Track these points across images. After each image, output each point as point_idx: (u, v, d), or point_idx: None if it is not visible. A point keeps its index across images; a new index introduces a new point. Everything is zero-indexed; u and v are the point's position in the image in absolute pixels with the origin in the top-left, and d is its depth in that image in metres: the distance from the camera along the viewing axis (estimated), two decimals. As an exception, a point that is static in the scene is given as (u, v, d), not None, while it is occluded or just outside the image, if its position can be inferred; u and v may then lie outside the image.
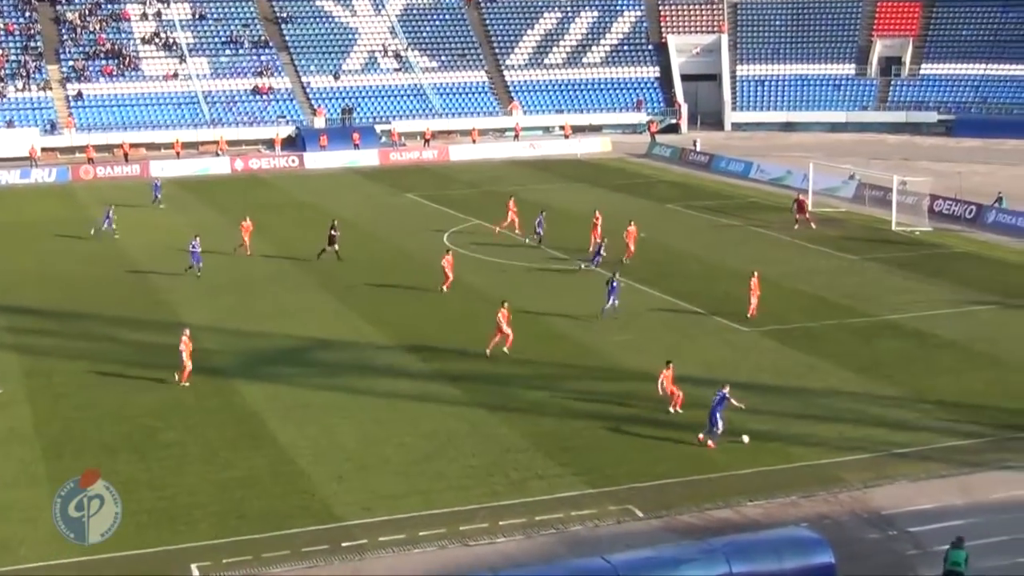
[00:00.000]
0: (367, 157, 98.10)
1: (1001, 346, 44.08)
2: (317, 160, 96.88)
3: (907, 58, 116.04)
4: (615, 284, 48.12)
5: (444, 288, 52.15)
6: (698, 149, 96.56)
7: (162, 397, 39.03)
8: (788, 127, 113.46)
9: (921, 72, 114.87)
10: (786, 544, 25.59)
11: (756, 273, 48.82)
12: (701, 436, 34.67)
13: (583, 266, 56.37)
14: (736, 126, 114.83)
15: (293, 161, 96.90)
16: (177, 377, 40.15)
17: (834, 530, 28.80)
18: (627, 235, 58.14)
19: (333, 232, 59.19)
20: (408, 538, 29.10)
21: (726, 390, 34.91)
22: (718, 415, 34.47)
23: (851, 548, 27.87)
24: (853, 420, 36.65)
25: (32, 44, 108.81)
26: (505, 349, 42.94)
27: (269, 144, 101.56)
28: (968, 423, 36.28)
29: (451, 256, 53.44)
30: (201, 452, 34.45)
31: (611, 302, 47.61)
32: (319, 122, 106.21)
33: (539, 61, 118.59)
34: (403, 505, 30.79)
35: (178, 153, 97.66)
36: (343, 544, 28.90)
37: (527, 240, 61.93)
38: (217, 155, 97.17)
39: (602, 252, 56.13)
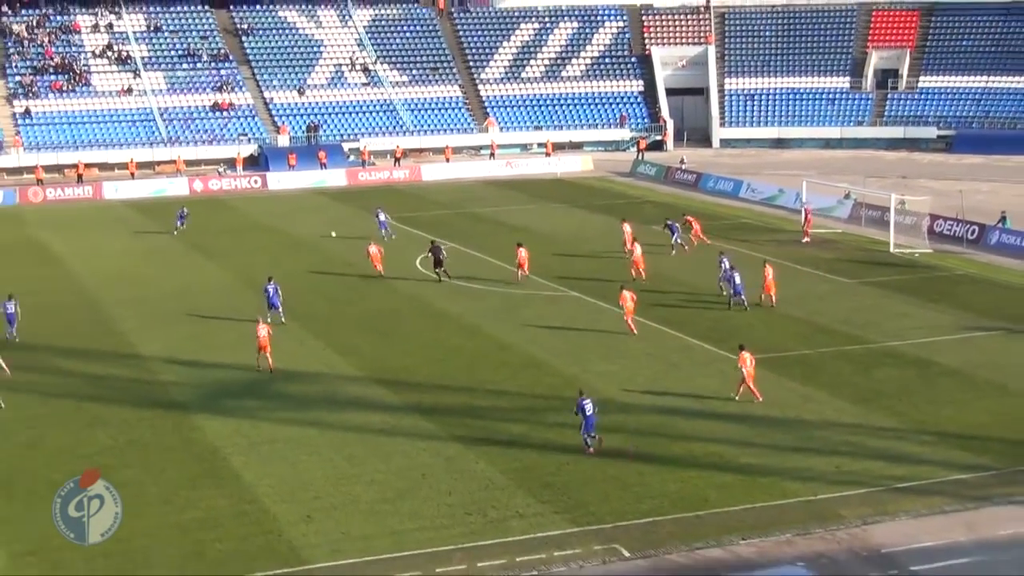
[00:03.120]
0: (334, 177, 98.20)
1: (1006, 374, 44.26)
2: (281, 180, 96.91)
3: (904, 70, 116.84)
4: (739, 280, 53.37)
5: (520, 276, 58.78)
6: (685, 167, 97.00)
7: (117, 433, 38.96)
8: (779, 143, 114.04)
9: (919, 85, 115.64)
10: (781, 585, 25.70)
11: (767, 264, 54.95)
12: (591, 448, 36.63)
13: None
14: (725, 142, 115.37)
15: (255, 182, 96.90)
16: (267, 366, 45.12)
17: (832, 569, 28.93)
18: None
19: (440, 256, 59.98)
20: (380, 581, 29.12)
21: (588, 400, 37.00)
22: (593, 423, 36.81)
23: (850, 588, 28.00)
24: (851, 453, 36.79)
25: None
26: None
27: (230, 164, 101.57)
28: (972, 455, 36.43)
29: (524, 250, 59.26)
30: (160, 492, 34.37)
31: (739, 294, 53.17)
32: (282, 140, 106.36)
33: (516, 75, 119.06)
34: (375, 546, 30.76)
35: (132, 174, 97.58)
36: (311, 588, 28.90)
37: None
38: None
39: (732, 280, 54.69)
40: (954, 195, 76.73)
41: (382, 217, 71.33)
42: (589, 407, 36.78)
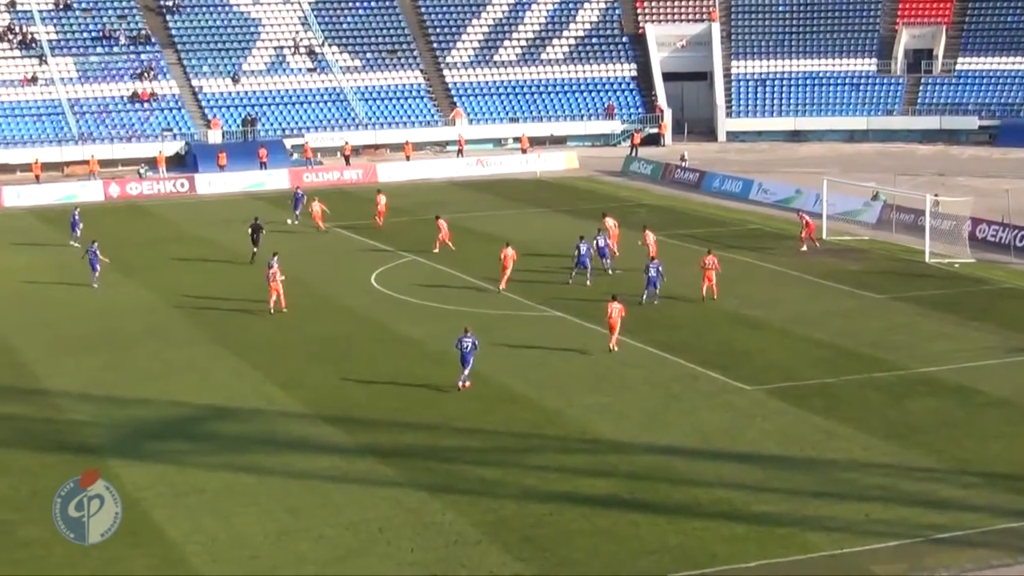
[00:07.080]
0: (274, 179, 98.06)
1: (1063, 404, 44.37)
2: (212, 183, 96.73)
3: (940, 51, 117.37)
4: (655, 273, 57.48)
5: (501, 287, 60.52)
6: (686, 164, 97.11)
7: (18, 483, 38.66)
8: (796, 136, 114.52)
9: (957, 67, 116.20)
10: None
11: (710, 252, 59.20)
12: (462, 384, 45.58)
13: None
14: (732, 136, 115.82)
15: (182, 185, 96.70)
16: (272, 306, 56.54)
17: (862, 636, 28.85)
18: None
19: (258, 235, 67.60)
20: (330, 656, 28.95)
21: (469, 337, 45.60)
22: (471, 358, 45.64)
23: (883, 659, 27.90)
24: (882, 498, 36.71)
25: None
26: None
27: (152, 164, 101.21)
28: (1024, 500, 36.49)
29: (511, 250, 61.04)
30: (68, 552, 33.95)
31: (652, 290, 57.36)
32: (214, 135, 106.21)
33: (487, 58, 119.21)
34: (323, 614, 30.63)
35: (37, 176, 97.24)
36: (248, 665, 28.68)
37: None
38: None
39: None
40: (999, 195, 76.91)
41: (300, 194, 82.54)
42: (468, 344, 45.58)
